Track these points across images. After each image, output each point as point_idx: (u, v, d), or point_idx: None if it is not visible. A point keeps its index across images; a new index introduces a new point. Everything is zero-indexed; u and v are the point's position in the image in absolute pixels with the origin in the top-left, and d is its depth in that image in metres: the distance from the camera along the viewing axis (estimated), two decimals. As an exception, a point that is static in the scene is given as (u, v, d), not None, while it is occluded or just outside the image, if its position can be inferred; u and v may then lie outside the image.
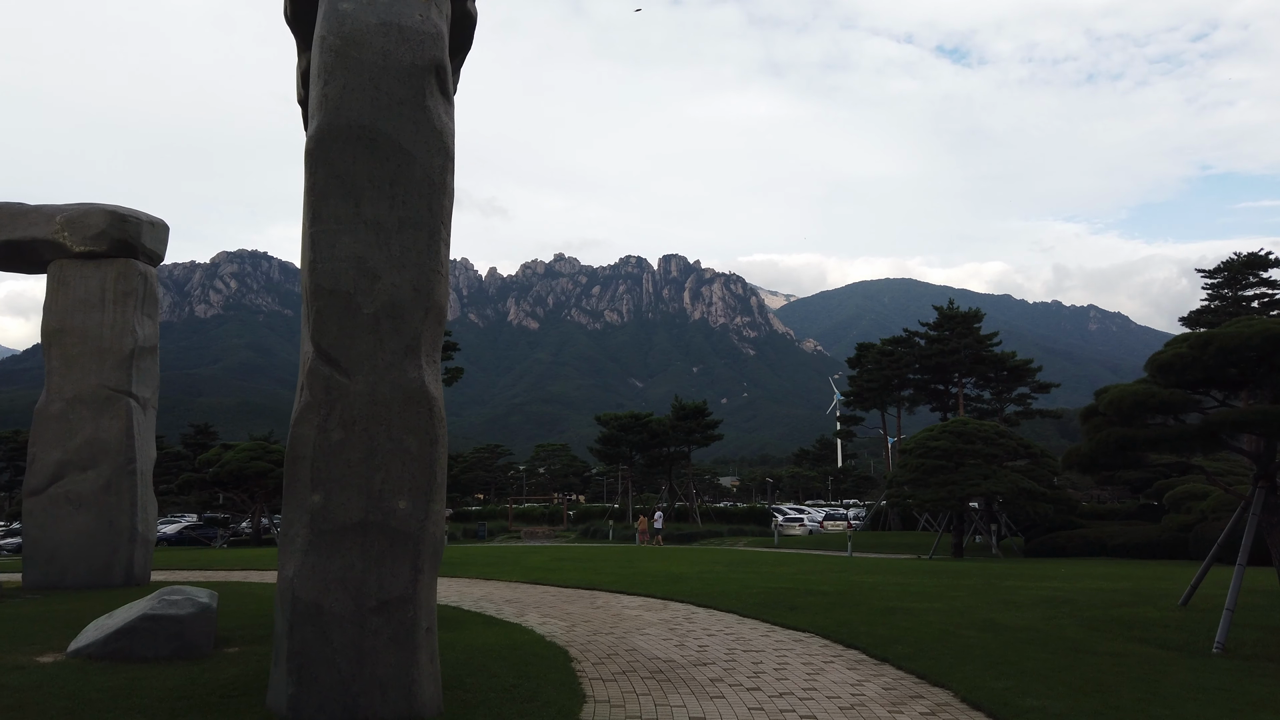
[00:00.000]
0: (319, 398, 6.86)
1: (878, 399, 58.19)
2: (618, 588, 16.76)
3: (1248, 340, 11.21)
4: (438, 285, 7.21)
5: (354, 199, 7.02)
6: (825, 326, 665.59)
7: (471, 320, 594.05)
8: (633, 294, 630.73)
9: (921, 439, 33.98)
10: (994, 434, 33.79)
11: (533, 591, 16.62)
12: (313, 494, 6.77)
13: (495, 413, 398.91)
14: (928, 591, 16.26)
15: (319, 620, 6.64)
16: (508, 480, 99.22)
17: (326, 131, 7.05)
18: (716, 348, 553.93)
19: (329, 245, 6.96)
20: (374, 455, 6.85)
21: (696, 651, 10.12)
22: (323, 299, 6.91)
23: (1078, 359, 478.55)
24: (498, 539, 52.72)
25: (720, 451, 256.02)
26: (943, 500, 32.20)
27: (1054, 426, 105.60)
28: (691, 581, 17.87)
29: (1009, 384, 52.46)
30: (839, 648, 10.45)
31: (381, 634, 6.71)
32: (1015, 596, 15.40)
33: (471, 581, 18.73)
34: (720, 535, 48.41)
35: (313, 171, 7.05)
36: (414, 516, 6.88)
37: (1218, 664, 9.50)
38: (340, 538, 6.75)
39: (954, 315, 52.42)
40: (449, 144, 7.41)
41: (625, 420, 56.45)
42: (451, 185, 7.48)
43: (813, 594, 15.38)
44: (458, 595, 15.95)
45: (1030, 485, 31.67)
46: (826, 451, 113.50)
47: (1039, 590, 16.55)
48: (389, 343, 6.97)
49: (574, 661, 9.47)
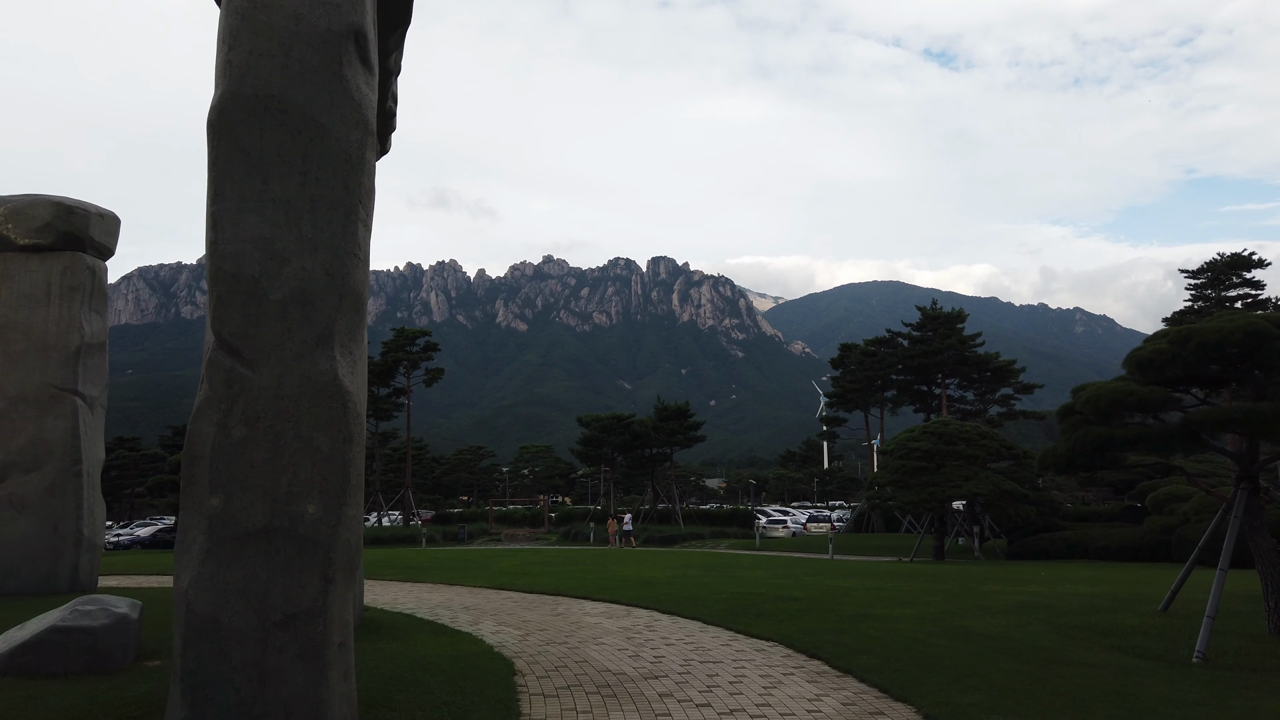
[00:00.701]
0: (219, 391, 6.27)
1: (861, 400, 57.78)
2: (583, 593, 16.20)
3: (1229, 335, 10.74)
4: (354, 269, 6.64)
5: (261, 175, 6.44)
6: (813, 329, 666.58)
7: (460, 322, 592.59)
8: (621, 296, 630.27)
9: (902, 440, 33.54)
10: (976, 435, 33.38)
11: (495, 597, 16.04)
12: (211, 497, 6.18)
13: (483, 415, 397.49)
14: (902, 596, 15.76)
15: (216, 635, 6.05)
16: (492, 482, 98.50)
17: (231, 101, 6.47)
18: (705, 350, 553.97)
19: (232, 225, 6.38)
20: (280, 454, 6.27)
21: (651, 663, 9.57)
22: (224, 283, 6.33)
23: (1064, 361, 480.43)
24: (477, 541, 52.06)
25: (708, 453, 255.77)
26: (924, 502, 31.76)
27: (1039, 428, 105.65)
28: (660, 586, 17.33)
29: (992, 385, 52.13)
30: (802, 658, 9.92)
31: (287, 650, 6.12)
32: (991, 601, 14.92)
33: (434, 587, 18.13)
34: (702, 537, 47.88)
35: (215, 145, 6.46)
36: (324, 522, 6.30)
37: (1198, 674, 9.01)
38: (242, 545, 6.16)
39: (937, 316, 52.05)
40: (369, 117, 6.84)
41: (607, 421, 55.84)
42: (372, 163, 6.91)
43: (783, 599, 14.85)
44: (415, 602, 15.37)
45: (1012, 487, 31.26)
46: (813, 453, 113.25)
47: (1017, 595, 16.07)
48: (298, 332, 6.39)
49: (518, 675, 8.90)
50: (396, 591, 17.31)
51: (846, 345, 59.17)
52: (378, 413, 59.10)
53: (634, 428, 55.52)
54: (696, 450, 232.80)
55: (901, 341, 54.43)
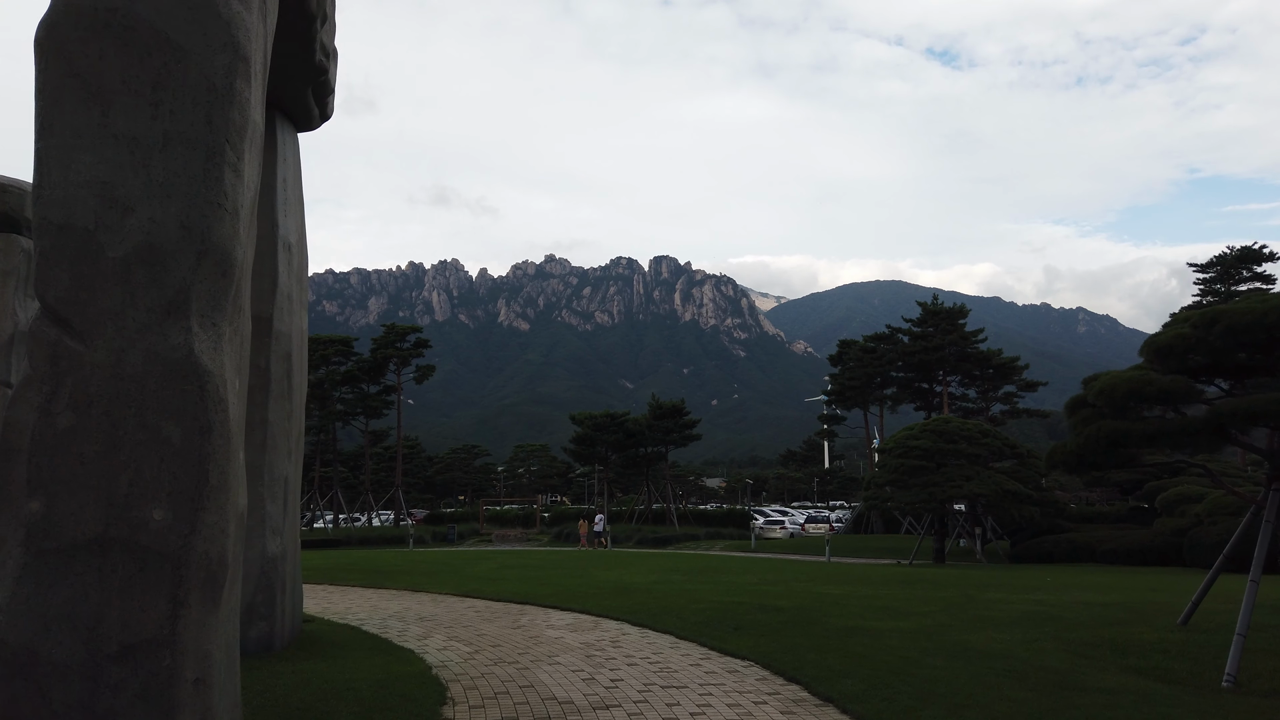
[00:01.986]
0: (42, 370, 5.11)
1: (860, 398, 56.52)
2: (553, 601, 15.02)
3: (1261, 318, 9.54)
4: (219, 223, 5.46)
5: (100, 105, 5.27)
6: (816, 328, 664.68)
7: (462, 321, 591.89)
8: (623, 295, 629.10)
9: (902, 438, 32.34)
10: (978, 433, 32.17)
11: (457, 606, 14.87)
12: (30, 500, 5.02)
13: (485, 414, 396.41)
14: (898, 605, 14.58)
15: (33, 672, 4.89)
16: (488, 481, 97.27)
17: (64, 15, 5.31)
18: (707, 349, 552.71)
19: (62, 166, 5.22)
20: (118, 448, 5.10)
21: (606, 688, 8.40)
22: (50, 237, 5.17)
23: (1066, 361, 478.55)
24: (467, 542, 50.91)
25: (710, 453, 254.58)
26: (924, 502, 30.56)
27: (1041, 428, 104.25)
28: (638, 594, 16.14)
29: (995, 382, 50.87)
30: (779, 681, 8.73)
31: (125, 689, 4.96)
32: (994, 612, 13.73)
33: (396, 594, 16.97)
34: (697, 539, 46.70)
35: (44, 68, 5.30)
36: (174, 531, 5.13)
37: (1230, 703, 7.83)
38: (68, 560, 5.00)
39: (938, 311, 50.75)
40: (241, 40, 5.66)
41: (601, 419, 54.58)
42: (245, 96, 5.72)
43: (767, 610, 13.67)
44: (369, 611, 14.20)
45: (1016, 487, 30.05)
46: (814, 453, 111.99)
47: (1022, 604, 14.89)
48: (143, 298, 5.22)
49: (448, 704, 7.73)
50: (355, 599, 16.15)
51: (845, 341, 57.91)
52: (368, 410, 57.98)
53: (628, 426, 54.27)
54: (698, 450, 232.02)
55: (902, 338, 53.15)
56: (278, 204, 10.55)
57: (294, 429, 10.94)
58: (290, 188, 11.13)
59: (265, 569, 10.07)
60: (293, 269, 11.03)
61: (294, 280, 11.11)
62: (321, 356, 56.41)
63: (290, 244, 10.94)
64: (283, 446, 10.57)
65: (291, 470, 10.85)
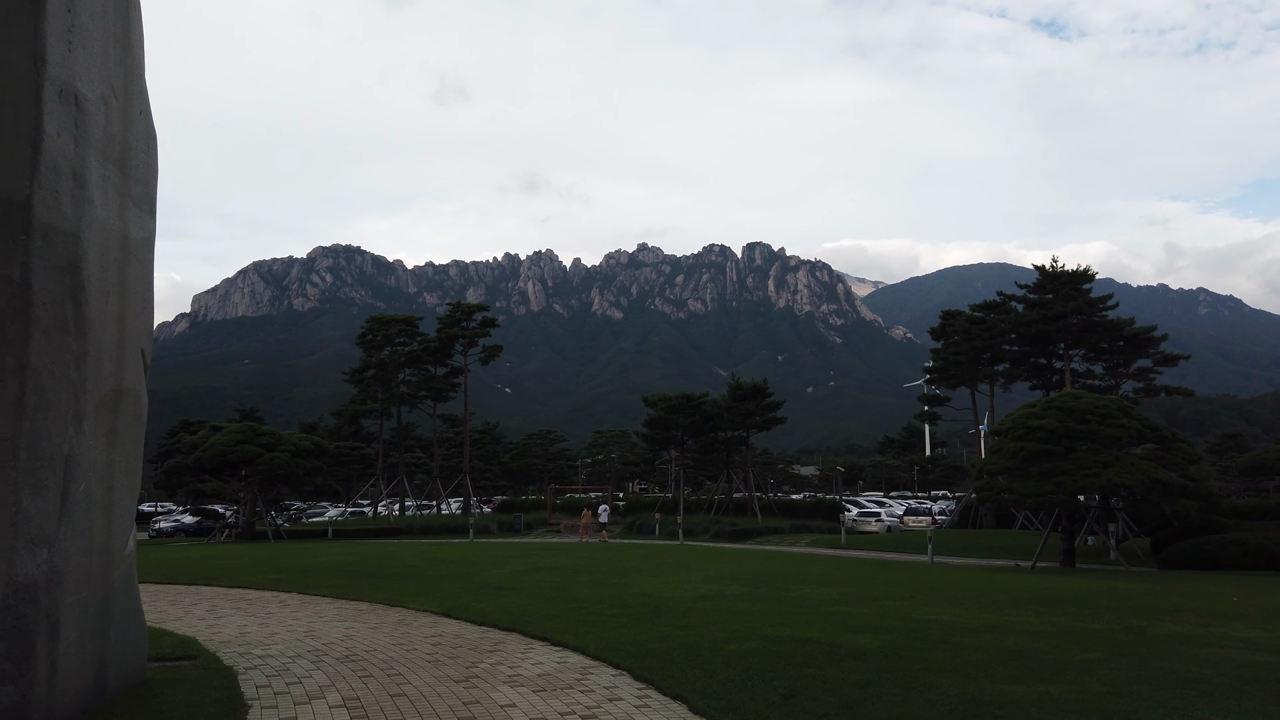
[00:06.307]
0: None
1: (966, 376, 50.60)
2: (548, 630, 10.96)
3: None
4: None
5: None
6: (915, 313, 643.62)
7: (556, 310, 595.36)
8: (716, 283, 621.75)
9: (1021, 417, 27.13)
10: (1115, 411, 26.71)
11: (416, 635, 10.95)
12: None
13: (580, 402, 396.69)
14: (1038, 648, 10.00)
15: None
16: (570, 469, 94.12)
17: None
18: (802, 336, 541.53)
19: None
20: None
21: None
22: None
23: (1185, 344, 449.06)
24: (534, 533, 47.51)
25: (805, 440, 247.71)
26: (1049, 494, 25.33)
27: (1164, 415, 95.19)
28: (670, 619, 11.95)
29: (1125, 356, 44.48)
30: None
31: None
32: (1191, 665, 9.05)
33: (360, 610, 13.21)
34: (780, 532, 42.07)
35: None
36: None
37: None
38: None
39: (1059, 275, 44.44)
40: None
41: (676, 401, 50.23)
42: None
43: (841, 655, 9.30)
44: (286, 640, 10.42)
45: (1166, 476, 24.56)
46: (913, 439, 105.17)
47: (1226, 646, 10.15)
48: None
49: None
50: (297, 616, 12.46)
51: (949, 312, 52.14)
52: (435, 394, 55.20)
53: (705, 408, 49.78)
54: (792, 438, 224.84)
55: (1015, 306, 47.12)
56: (47, 27, 6.71)
57: (93, 383, 7.14)
58: (91, 15, 7.30)
59: (10, 601, 6.29)
60: (91, 137, 7.21)
61: (96, 155, 7.29)
62: (385, 337, 53.94)
63: (84, 97, 7.11)
64: (61, 408, 6.77)
65: (83, 446, 7.05)
